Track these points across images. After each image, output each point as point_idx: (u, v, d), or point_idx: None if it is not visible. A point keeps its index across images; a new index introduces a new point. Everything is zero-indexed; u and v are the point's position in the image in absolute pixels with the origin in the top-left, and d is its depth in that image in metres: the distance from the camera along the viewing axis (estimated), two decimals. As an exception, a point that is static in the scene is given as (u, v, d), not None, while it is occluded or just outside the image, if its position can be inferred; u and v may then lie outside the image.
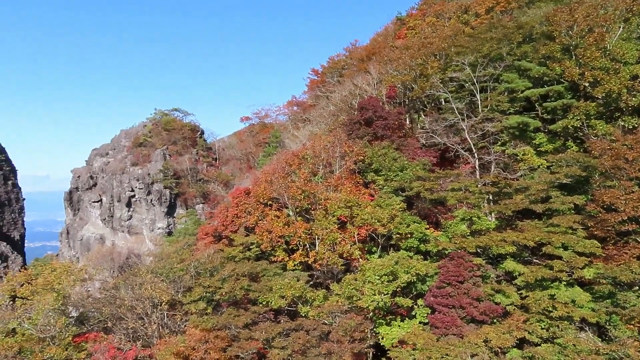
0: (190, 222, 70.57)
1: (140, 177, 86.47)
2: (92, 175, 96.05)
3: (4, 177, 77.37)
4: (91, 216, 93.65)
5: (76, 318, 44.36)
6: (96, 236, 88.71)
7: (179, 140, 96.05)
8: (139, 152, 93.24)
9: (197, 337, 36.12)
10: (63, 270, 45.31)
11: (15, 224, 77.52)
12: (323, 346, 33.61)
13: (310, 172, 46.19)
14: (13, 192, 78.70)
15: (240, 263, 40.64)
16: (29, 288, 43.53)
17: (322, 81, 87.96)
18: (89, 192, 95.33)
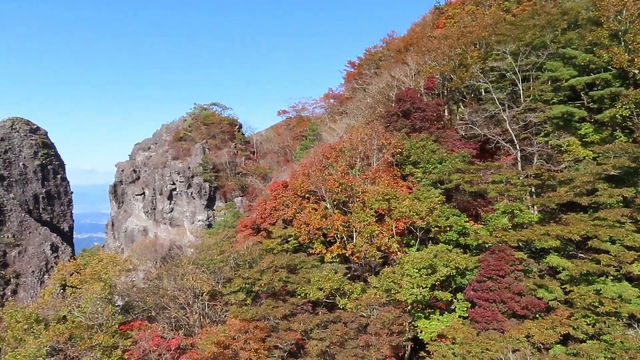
0: (229, 214, 71.76)
1: (180, 171, 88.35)
2: (135, 169, 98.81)
3: (54, 171, 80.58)
4: (134, 209, 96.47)
5: (122, 307, 45.94)
6: (139, 228, 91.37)
7: (217, 134, 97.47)
8: (179, 146, 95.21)
9: (237, 327, 36.82)
10: (109, 260, 46.97)
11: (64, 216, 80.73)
12: (361, 338, 33.67)
13: (348, 165, 46.11)
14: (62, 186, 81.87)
15: (279, 255, 41.06)
16: (78, 277, 45.32)
17: (359, 73, 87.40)
18: (132, 186, 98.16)
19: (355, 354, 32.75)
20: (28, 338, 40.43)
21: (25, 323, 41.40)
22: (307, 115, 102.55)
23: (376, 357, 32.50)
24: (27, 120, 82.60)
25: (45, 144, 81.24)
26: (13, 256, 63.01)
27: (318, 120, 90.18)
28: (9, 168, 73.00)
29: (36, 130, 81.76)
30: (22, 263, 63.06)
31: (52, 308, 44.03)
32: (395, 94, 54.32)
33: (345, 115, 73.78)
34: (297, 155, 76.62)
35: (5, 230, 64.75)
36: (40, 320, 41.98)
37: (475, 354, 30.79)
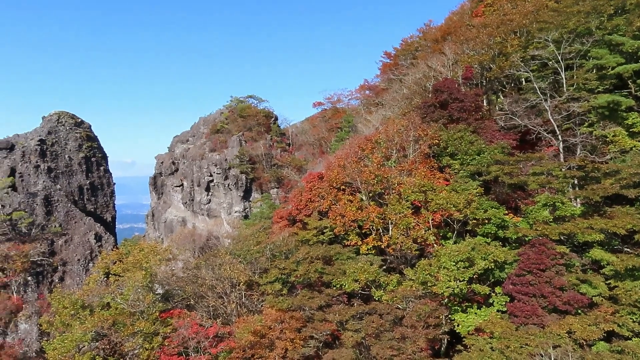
0: (265, 206, 72.52)
1: (218, 163, 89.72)
2: (174, 161, 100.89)
3: (97, 164, 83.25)
4: (174, 200, 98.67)
5: (162, 295, 47.21)
6: (178, 219, 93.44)
7: (253, 126, 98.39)
8: (216, 138, 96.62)
9: (273, 317, 37.31)
10: (150, 250, 48.36)
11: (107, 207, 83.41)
12: (397, 330, 33.59)
13: (384, 157, 45.80)
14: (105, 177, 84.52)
15: (314, 246, 41.29)
16: (121, 266, 46.90)
17: (395, 64, 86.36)
18: (172, 177, 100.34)
19: (390, 345, 32.70)
20: (74, 323, 42.15)
21: (72, 309, 43.16)
22: (342, 107, 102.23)
23: (412, 349, 32.37)
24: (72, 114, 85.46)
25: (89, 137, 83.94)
26: (60, 245, 65.67)
27: (353, 112, 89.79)
28: (56, 160, 75.86)
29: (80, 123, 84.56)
30: (69, 251, 65.60)
31: (96, 295, 45.74)
32: (432, 85, 53.49)
33: (381, 107, 73.19)
34: (332, 147, 76.58)
35: (53, 220, 67.46)
36: (85, 307, 43.69)
37: (513, 348, 30.24)
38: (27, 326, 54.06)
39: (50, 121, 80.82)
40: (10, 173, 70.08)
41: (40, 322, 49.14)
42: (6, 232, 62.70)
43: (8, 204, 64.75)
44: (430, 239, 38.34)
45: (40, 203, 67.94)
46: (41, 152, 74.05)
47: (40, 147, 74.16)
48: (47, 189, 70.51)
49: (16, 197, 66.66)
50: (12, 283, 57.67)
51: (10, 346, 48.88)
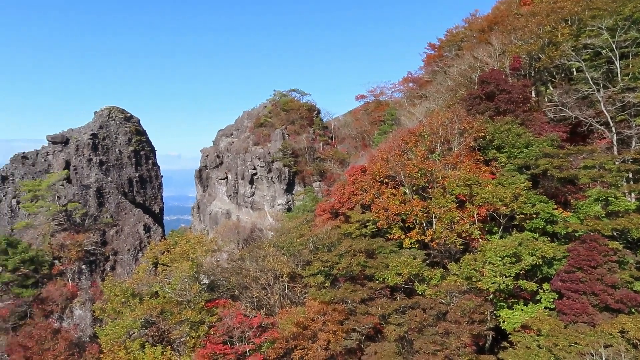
0: (308, 199, 73.00)
1: (261, 156, 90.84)
2: (219, 154, 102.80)
3: (146, 157, 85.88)
4: (218, 192, 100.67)
5: (207, 285, 48.46)
6: (223, 211, 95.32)
7: (296, 120, 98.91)
8: (260, 132, 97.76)
9: (315, 309, 37.64)
10: (196, 241, 49.66)
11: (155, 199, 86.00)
12: (440, 325, 33.22)
13: (428, 150, 45.21)
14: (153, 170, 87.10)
15: (357, 239, 41.28)
16: (168, 256, 48.39)
17: (440, 55, 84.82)
18: (216, 170, 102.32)
19: (434, 340, 32.40)
20: (125, 310, 43.86)
21: (123, 297, 44.91)
22: (385, 100, 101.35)
23: (456, 345, 31.97)
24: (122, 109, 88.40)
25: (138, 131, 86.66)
26: (111, 235, 68.31)
27: (396, 105, 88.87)
28: (107, 154, 78.80)
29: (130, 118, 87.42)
30: (119, 242, 68.14)
31: (145, 284, 47.39)
32: (478, 76, 52.27)
33: (424, 99, 72.15)
34: (375, 140, 76.13)
35: (105, 211, 70.18)
36: (135, 295, 45.35)
37: (562, 347, 29.38)
38: (82, 312, 56.64)
39: (101, 116, 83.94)
40: (65, 166, 73.35)
41: (93, 309, 51.43)
42: (62, 222, 65.74)
43: (63, 195, 67.81)
44: (475, 234, 37.63)
45: (93, 195, 70.83)
46: (93, 145, 77.08)
47: (93, 141, 77.21)
48: (99, 181, 73.40)
49: (71, 189, 69.71)
50: (67, 271, 60.49)
51: (66, 331, 51.35)
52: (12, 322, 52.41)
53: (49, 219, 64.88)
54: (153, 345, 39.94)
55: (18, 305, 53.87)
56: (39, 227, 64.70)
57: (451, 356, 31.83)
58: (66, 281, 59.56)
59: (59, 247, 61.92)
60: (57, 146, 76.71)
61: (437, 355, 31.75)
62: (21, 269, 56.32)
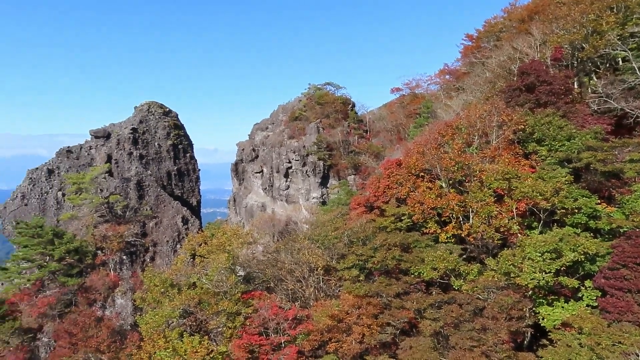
0: (342, 192, 72.93)
1: (296, 150, 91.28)
2: (254, 148, 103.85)
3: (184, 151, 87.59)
4: (254, 186, 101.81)
5: (243, 277, 49.13)
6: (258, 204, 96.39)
7: (331, 113, 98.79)
8: (294, 125, 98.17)
9: (350, 303, 37.69)
10: (232, 233, 50.38)
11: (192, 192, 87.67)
12: (477, 321, 32.74)
13: (465, 143, 44.43)
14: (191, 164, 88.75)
15: (392, 233, 41.05)
16: (206, 248, 49.27)
17: (477, 47, 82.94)
18: (252, 164, 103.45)
19: (470, 336, 31.97)
20: (164, 300, 44.94)
21: (162, 287, 46.02)
22: (421, 93, 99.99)
23: (493, 341, 31.46)
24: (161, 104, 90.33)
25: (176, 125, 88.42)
26: (151, 227, 70.11)
27: (432, 98, 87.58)
28: (147, 147, 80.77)
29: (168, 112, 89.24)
30: (158, 233, 69.89)
31: (183, 275, 48.43)
32: (518, 67, 50.92)
33: (461, 92, 70.85)
34: (410, 133, 75.29)
35: (145, 204, 72.04)
36: (174, 285, 46.40)
37: (605, 346, 28.50)
38: (123, 301, 58.43)
39: (141, 111, 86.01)
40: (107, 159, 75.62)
41: (134, 298, 52.99)
42: (104, 214, 67.86)
43: (105, 188, 69.96)
44: (514, 228, 36.82)
45: (133, 187, 72.79)
46: (134, 139, 79.10)
47: (133, 135, 79.26)
48: (139, 174, 75.37)
49: (112, 181, 71.85)
50: (109, 261, 62.45)
51: (108, 319, 53.10)
52: (58, 310, 54.61)
53: (92, 211, 67.10)
54: (191, 335, 40.79)
55: (64, 293, 56.04)
56: (82, 218, 67.01)
57: (488, 352, 31.36)
58: (108, 271, 61.53)
59: (101, 238, 63.96)
60: (99, 140, 79.16)
61: (473, 351, 31.33)
62: (66, 258, 58.49)
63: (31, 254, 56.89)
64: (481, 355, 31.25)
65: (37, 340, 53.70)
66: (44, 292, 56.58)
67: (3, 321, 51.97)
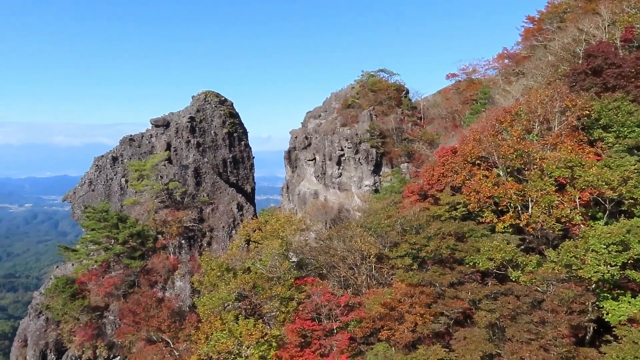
0: (395, 180, 72.20)
1: (348, 137, 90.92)
2: (307, 135, 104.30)
3: (238, 139, 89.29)
4: (306, 173, 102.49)
5: (296, 263, 49.84)
6: (311, 191, 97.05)
7: (384, 100, 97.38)
8: (347, 113, 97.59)
9: (402, 291, 37.43)
10: (285, 220, 51.15)
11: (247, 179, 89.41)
12: (535, 314, 31.73)
13: (524, 130, 42.76)
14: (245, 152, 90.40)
15: (446, 222, 40.31)
16: (260, 234, 50.34)
17: (539, 29, 79.32)
18: (305, 151, 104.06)
19: (528, 329, 31.06)
20: (220, 284, 46.38)
21: (218, 271, 47.49)
22: (478, 78, 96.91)
23: (552, 335, 30.41)
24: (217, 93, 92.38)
25: (231, 114, 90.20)
26: (208, 213, 72.25)
27: (490, 83, 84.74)
28: (204, 136, 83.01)
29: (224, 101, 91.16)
30: (215, 219, 71.92)
31: (239, 259, 49.73)
32: (584, 50, 48.35)
33: (521, 76, 68.14)
34: (466, 120, 73.31)
35: (202, 190, 74.26)
36: (229, 270, 47.75)
37: (676, 344, 26.95)
38: (182, 284, 60.70)
39: (198, 100, 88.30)
40: (167, 147, 78.31)
41: (192, 281, 54.98)
42: (164, 200, 70.49)
43: (165, 175, 72.58)
44: (576, 219, 35.22)
45: (191, 175, 75.11)
46: (191, 128, 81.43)
47: (191, 124, 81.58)
48: (197, 162, 77.63)
49: (171, 169, 74.42)
50: (169, 245, 64.92)
51: (168, 300, 55.44)
52: (123, 290, 57.50)
53: (153, 197, 69.85)
54: (246, 318, 41.93)
55: (127, 275, 58.89)
56: (144, 204, 69.90)
57: (547, 346, 30.36)
58: (168, 254, 64.01)
59: (161, 223, 66.53)
60: (159, 129, 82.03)
61: (531, 345, 30.43)
62: (130, 241, 61.34)
63: (98, 237, 60.07)
64: (539, 348, 30.29)
65: (103, 317, 56.87)
66: (109, 273, 59.71)
67: (74, 299, 55.39)
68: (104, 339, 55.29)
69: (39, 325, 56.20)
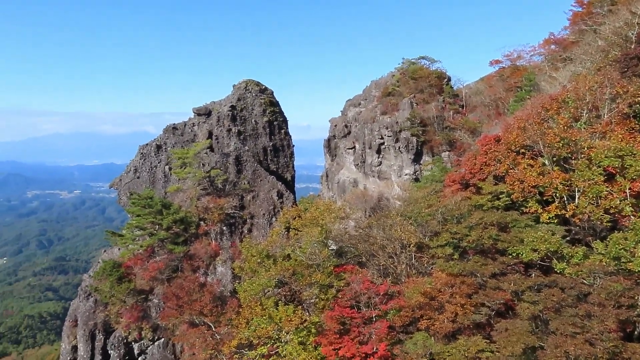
0: (436, 169, 71.26)
1: (388, 126, 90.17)
2: (347, 124, 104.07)
3: (279, 127, 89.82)
4: (346, 161, 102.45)
5: (335, 251, 50.14)
6: (350, 180, 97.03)
7: (425, 88, 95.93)
8: (387, 101, 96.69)
9: (443, 281, 37.18)
10: (325, 208, 51.45)
11: (287, 167, 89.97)
12: (581, 307, 30.90)
13: (571, 118, 41.39)
14: (285, 140, 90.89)
15: (489, 212, 39.67)
16: (299, 221, 50.82)
17: (588, 13, 76.05)
18: (344, 140, 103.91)
19: (573, 322, 30.30)
20: (261, 270, 47.18)
21: (258, 257, 48.28)
22: (523, 65, 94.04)
23: (599, 329, 29.58)
24: (258, 82, 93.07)
25: (271, 103, 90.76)
26: (248, 200, 73.33)
27: (536, 69, 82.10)
28: (244, 124, 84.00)
29: (264, 90, 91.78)
30: (255, 206, 72.95)
31: (278, 246, 50.42)
32: (637, 33, 46.27)
33: (569, 62, 65.68)
34: (510, 107, 71.44)
35: (243, 178, 75.45)
36: (270, 256, 48.48)
37: None
38: (223, 269, 62.07)
39: (239, 89, 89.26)
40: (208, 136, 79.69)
41: (233, 267, 56.11)
42: (206, 187, 71.98)
43: (207, 162, 73.99)
44: (626, 210, 33.98)
45: (232, 162, 76.28)
46: (232, 117, 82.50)
47: (232, 112, 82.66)
48: (238, 150, 78.75)
49: (213, 156, 75.78)
50: (211, 231, 66.37)
51: (210, 285, 56.86)
52: (166, 274, 59.31)
53: (195, 184, 71.41)
54: (286, 304, 42.55)
55: (171, 259, 60.66)
56: (187, 191, 71.57)
57: (592, 340, 29.58)
58: (210, 240, 65.46)
59: (203, 210, 68.02)
60: (201, 117, 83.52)
61: (576, 338, 29.72)
62: (173, 227, 63.08)
63: (143, 222, 62.02)
64: (584, 342, 29.54)
65: (148, 301, 58.86)
66: (154, 258, 61.62)
67: (120, 282, 57.57)
68: (148, 321, 57.27)
69: (88, 306, 58.69)
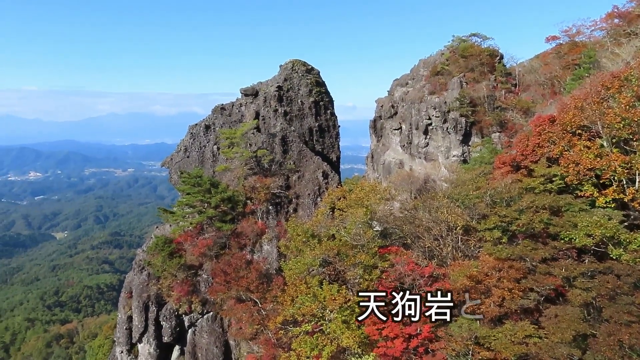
0: (485, 150, 69.25)
1: (437, 106, 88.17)
2: (393, 104, 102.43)
3: (324, 107, 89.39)
4: (392, 142, 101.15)
5: (380, 232, 49.85)
6: (396, 161, 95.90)
7: (476, 66, 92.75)
8: (436, 80, 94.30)
9: (490, 265, 36.36)
10: (370, 189, 51.14)
11: (332, 148, 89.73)
12: (638, 295, 29.58)
13: (635, 96, 39.02)
14: (331, 120, 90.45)
15: (540, 195, 38.26)
16: (344, 202, 50.78)
17: (657, -17, 71.15)
18: (390, 120, 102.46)
19: (628, 310, 29.06)
20: (305, 249, 47.61)
21: (304, 237, 48.70)
22: (582, 41, 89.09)
23: (656, 319, 28.25)
24: (304, 62, 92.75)
25: (318, 83, 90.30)
26: (294, 180, 73.81)
27: (596, 45, 77.65)
28: (290, 104, 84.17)
29: (311, 70, 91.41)
30: (300, 186, 73.39)
31: (323, 226, 50.64)
32: None
33: (634, 37, 61.90)
34: (567, 86, 68.12)
35: (288, 158, 75.93)
36: (314, 236, 48.79)
37: None
38: (269, 247, 63.06)
39: (285, 69, 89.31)
40: (255, 116, 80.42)
41: (279, 245, 56.91)
42: (252, 167, 72.93)
43: (254, 142, 74.81)
44: (691, 195, 31.99)
45: (278, 143, 76.79)
46: (278, 97, 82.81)
47: (278, 92, 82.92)
48: (284, 130, 79.11)
49: (260, 137, 76.48)
50: (257, 210, 67.38)
51: (257, 262, 58.02)
52: (215, 251, 60.88)
53: (242, 164, 72.43)
54: (330, 283, 42.85)
55: (219, 237, 62.12)
56: (234, 170, 72.73)
57: (649, 330, 28.29)
58: (256, 219, 66.50)
59: (250, 189, 69.03)
60: (248, 98, 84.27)
61: (631, 327, 28.50)
62: (221, 206, 64.45)
63: (192, 200, 63.68)
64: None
65: (198, 276, 60.71)
66: (203, 235, 63.30)
67: (171, 257, 59.62)
68: (198, 295, 59.15)
69: (141, 279, 61.19)
